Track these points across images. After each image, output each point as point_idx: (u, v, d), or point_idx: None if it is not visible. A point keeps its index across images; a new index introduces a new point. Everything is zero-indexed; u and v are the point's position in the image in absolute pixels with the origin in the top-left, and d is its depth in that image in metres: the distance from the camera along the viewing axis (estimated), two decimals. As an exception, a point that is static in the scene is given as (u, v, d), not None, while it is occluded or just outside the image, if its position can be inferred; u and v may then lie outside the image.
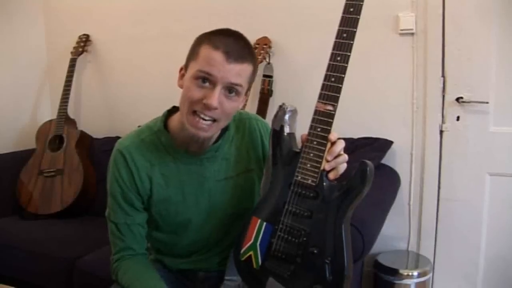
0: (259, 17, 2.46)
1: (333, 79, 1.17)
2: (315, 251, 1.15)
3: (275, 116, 1.24)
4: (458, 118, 2.16)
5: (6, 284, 2.00)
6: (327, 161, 1.15)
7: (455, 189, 2.20)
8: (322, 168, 1.14)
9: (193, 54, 1.21)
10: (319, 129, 1.15)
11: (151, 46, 2.78)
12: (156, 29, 2.79)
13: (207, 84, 1.16)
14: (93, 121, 3.03)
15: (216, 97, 1.15)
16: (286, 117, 1.22)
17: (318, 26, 2.31)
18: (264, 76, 2.41)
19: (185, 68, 1.24)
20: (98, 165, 2.67)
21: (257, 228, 1.24)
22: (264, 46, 2.36)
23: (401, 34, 2.19)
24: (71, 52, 2.92)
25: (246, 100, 1.40)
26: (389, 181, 2.11)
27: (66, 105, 2.80)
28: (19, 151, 2.83)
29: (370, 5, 2.20)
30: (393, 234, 2.26)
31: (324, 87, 1.17)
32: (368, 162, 1.12)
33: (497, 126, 2.12)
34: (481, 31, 2.08)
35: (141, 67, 2.84)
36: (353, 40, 1.19)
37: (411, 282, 2.04)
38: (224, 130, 1.34)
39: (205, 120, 1.18)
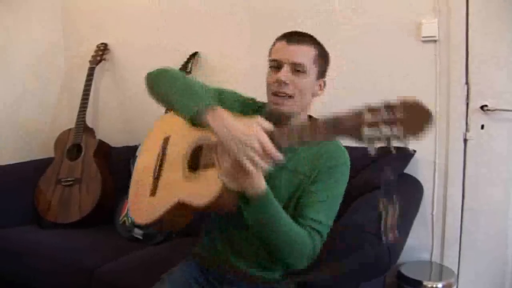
0: (280, 27, 2.44)
1: None
2: None
3: None
4: (482, 127, 2.12)
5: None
6: None
7: (480, 198, 2.15)
8: None
9: (269, 53, 1.46)
10: None
11: (169, 55, 2.78)
12: (174, 37, 2.79)
13: (277, 69, 1.39)
14: (111, 130, 3.03)
15: (283, 73, 1.37)
16: None
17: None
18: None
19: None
20: (116, 174, 2.67)
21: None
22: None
23: (424, 41, 2.16)
24: (89, 61, 2.93)
25: (322, 88, 1.48)
26: (412, 191, 2.07)
27: (85, 114, 2.81)
28: (37, 159, 2.83)
29: (391, 12, 2.22)
30: (416, 244, 2.21)
31: None
32: None
33: (524, 135, 2.07)
34: (506, 37, 2.04)
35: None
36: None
37: (436, 294, 2.00)
38: None
39: (281, 96, 1.39)
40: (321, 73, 1.45)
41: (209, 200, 1.30)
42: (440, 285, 2.01)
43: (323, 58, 1.44)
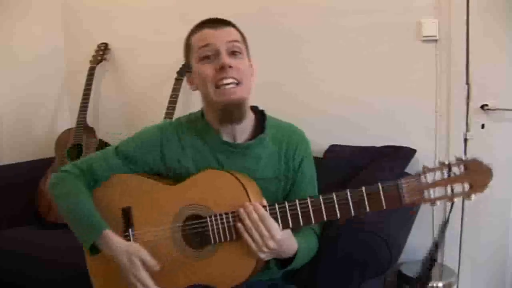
0: (280, 27, 2.44)
1: None
2: None
3: None
4: (483, 126, 2.12)
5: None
6: None
7: (481, 198, 2.12)
8: None
9: (188, 51, 1.41)
10: None
11: (169, 55, 2.76)
12: (174, 37, 2.76)
13: (212, 58, 1.30)
14: (112, 130, 3.02)
15: (224, 56, 1.28)
16: None
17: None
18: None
19: (189, 71, 1.42)
20: (117, 174, 2.66)
21: None
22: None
23: (424, 41, 2.15)
24: (90, 61, 2.93)
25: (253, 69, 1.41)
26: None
27: (85, 114, 2.81)
28: (38, 159, 2.84)
29: (392, 11, 2.22)
30: (416, 244, 2.20)
31: None
32: None
33: (524, 134, 2.07)
34: (507, 37, 2.04)
35: (160, 76, 2.84)
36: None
37: (436, 294, 2.00)
38: (259, 132, 1.39)
39: (229, 84, 1.28)
40: (248, 54, 1.40)
41: (244, 280, 1.26)
42: (440, 284, 2.01)
43: (245, 38, 1.40)
